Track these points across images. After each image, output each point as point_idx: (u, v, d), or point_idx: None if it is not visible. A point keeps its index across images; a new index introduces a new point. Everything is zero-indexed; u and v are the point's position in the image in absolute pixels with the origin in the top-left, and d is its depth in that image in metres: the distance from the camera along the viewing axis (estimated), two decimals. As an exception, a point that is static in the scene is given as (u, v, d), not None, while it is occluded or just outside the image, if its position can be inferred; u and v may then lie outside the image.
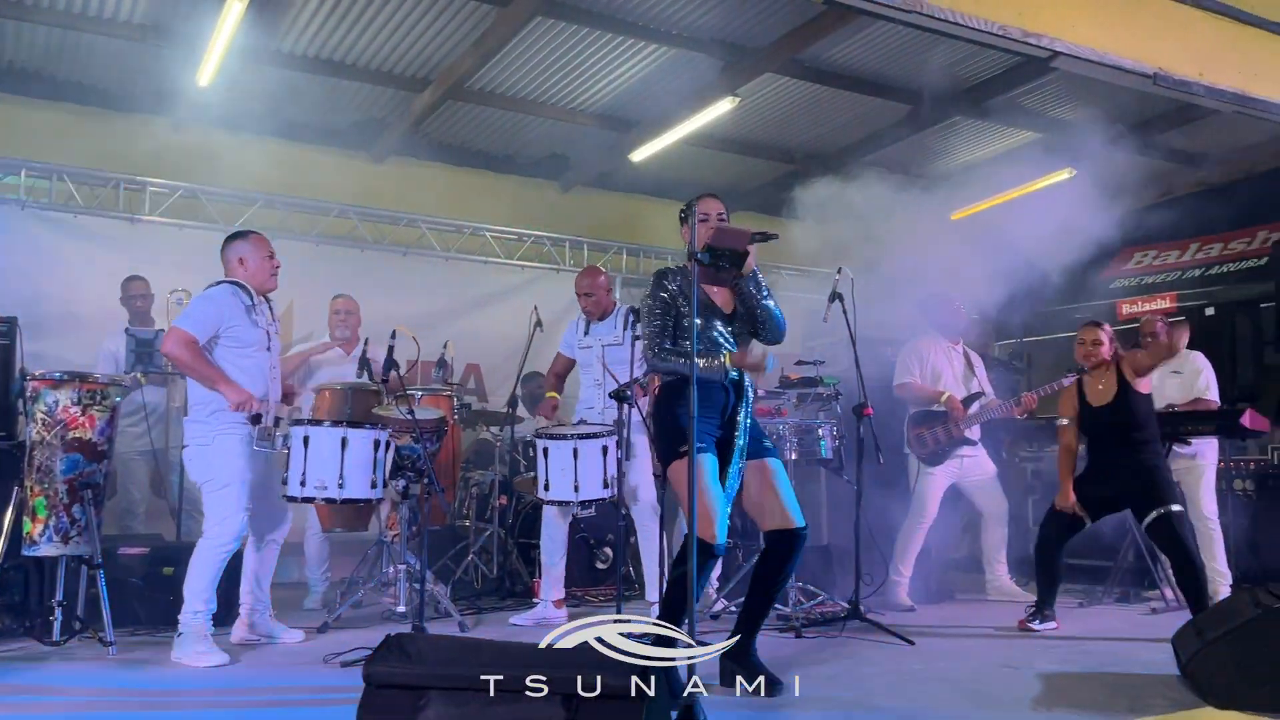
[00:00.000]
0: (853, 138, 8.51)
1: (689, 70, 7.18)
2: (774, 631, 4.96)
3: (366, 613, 5.45)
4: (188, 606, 4.19)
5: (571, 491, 5.02)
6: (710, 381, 3.73)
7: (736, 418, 3.81)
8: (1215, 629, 3.53)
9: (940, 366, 6.18)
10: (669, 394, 3.84)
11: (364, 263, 7.99)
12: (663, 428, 3.84)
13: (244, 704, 3.48)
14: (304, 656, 4.32)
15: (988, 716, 3.27)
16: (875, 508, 5.57)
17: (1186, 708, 3.39)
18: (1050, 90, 7.62)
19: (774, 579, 3.85)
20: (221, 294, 4.40)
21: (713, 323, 3.84)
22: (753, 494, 3.87)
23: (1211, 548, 5.97)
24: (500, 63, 7.07)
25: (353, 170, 8.44)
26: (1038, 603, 5.17)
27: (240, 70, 6.87)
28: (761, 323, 3.88)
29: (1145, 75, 5.78)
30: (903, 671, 4.03)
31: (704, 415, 3.66)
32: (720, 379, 3.78)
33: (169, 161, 7.54)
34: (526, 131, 8.36)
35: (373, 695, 2.43)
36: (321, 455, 4.62)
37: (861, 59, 7.15)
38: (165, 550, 5.16)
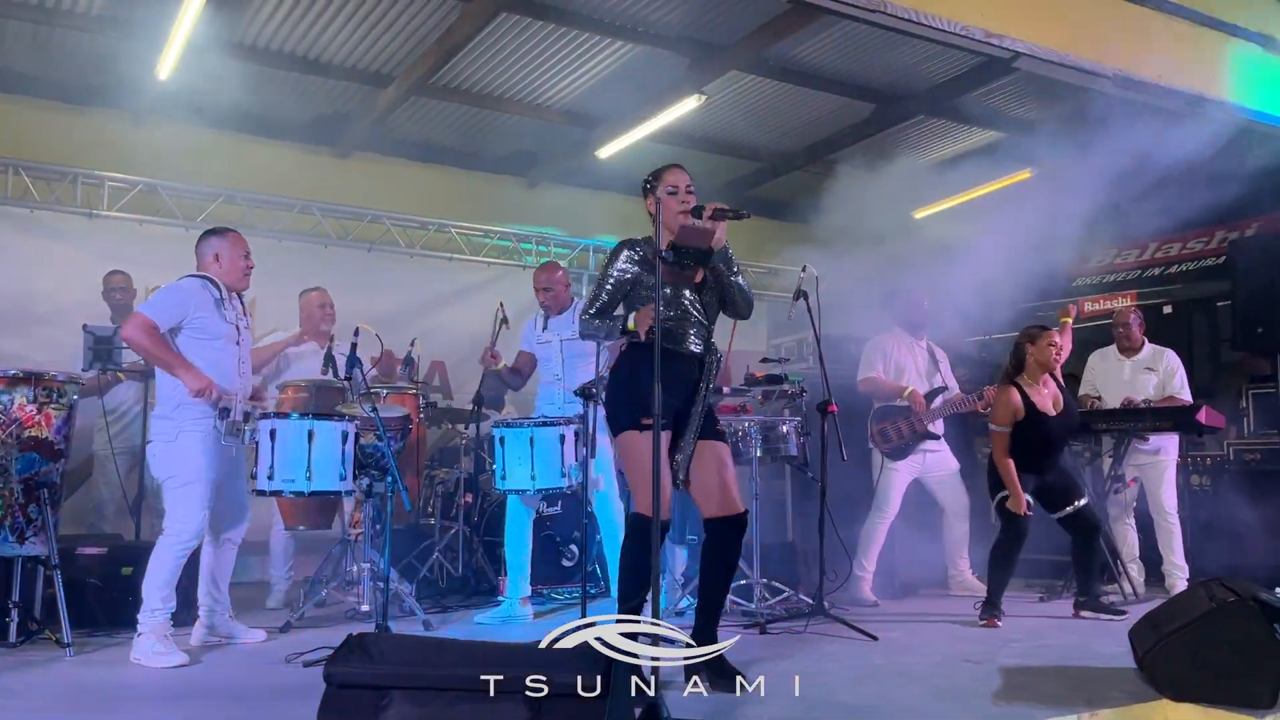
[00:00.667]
0: (818, 136, 8.56)
1: (655, 67, 7.19)
2: (739, 628, 4.98)
3: (330, 612, 5.40)
4: (146, 605, 4.13)
5: (529, 480, 5.01)
6: (675, 353, 3.69)
7: (697, 393, 3.75)
8: (1171, 623, 3.58)
9: (904, 362, 6.23)
10: (630, 359, 3.78)
11: (328, 259, 7.92)
12: (619, 395, 3.79)
13: (204, 705, 3.44)
14: (266, 657, 4.27)
15: (949, 710, 3.30)
16: (840, 504, 5.59)
17: (1143, 700, 3.44)
18: (1013, 90, 7.69)
19: (722, 567, 3.82)
20: (189, 285, 4.37)
21: (682, 290, 3.79)
22: (698, 476, 3.80)
23: (1171, 542, 6.07)
24: (465, 58, 7.04)
25: (317, 166, 8.37)
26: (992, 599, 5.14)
27: (201, 63, 6.78)
28: (730, 300, 3.88)
29: (1105, 76, 5.85)
30: (866, 667, 4.06)
31: (665, 387, 3.59)
32: (685, 351, 3.75)
33: (128, 156, 7.43)
34: (492, 128, 8.33)
35: (334, 695, 2.41)
36: (289, 448, 4.57)
37: (827, 58, 7.19)
38: (124, 550, 5.09)
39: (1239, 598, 3.42)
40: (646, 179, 3.89)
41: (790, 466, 6.12)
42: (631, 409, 3.67)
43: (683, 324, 3.77)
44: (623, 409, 3.75)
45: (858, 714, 3.19)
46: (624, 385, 3.77)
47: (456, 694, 2.32)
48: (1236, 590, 3.49)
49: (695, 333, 3.81)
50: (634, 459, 3.67)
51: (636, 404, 3.63)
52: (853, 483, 6.03)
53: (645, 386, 3.52)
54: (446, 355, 8.19)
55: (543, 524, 5.95)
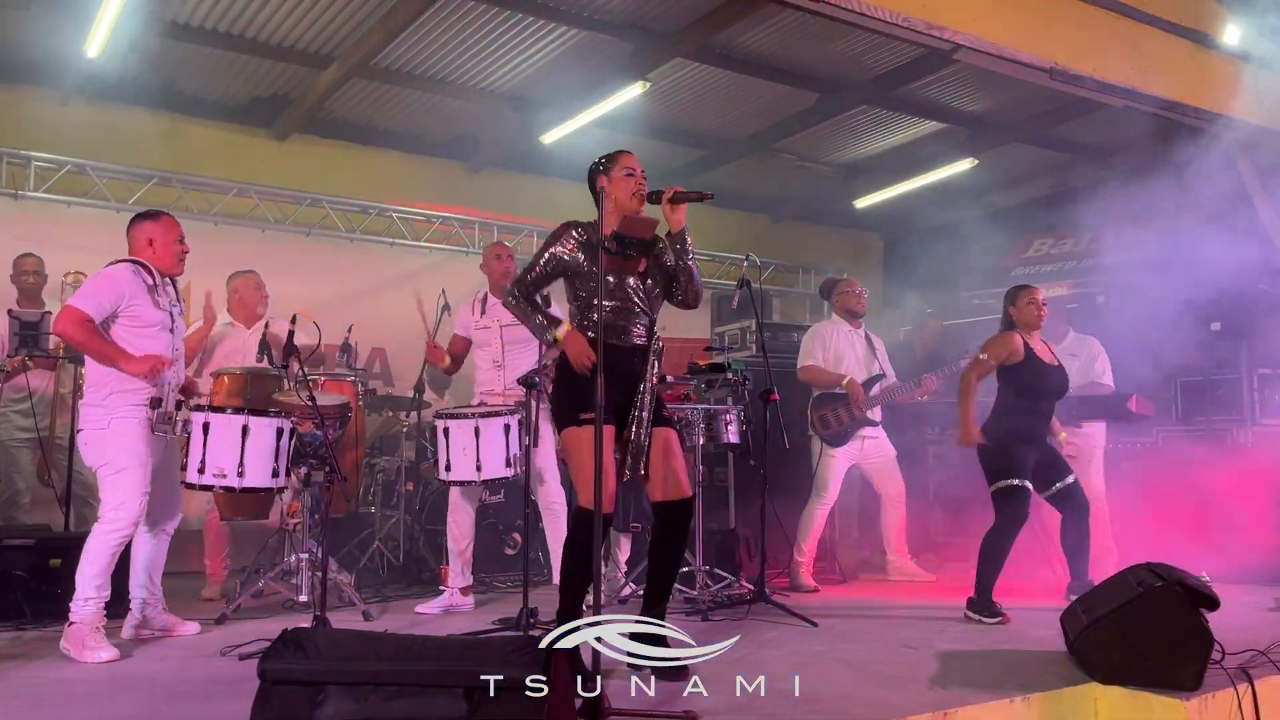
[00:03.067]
0: (762, 124, 8.58)
1: (600, 53, 7.15)
2: (680, 614, 5.00)
3: (268, 603, 5.33)
4: (79, 594, 4.01)
5: (474, 471, 4.98)
6: (618, 346, 3.66)
7: (639, 385, 3.72)
8: (1100, 607, 3.66)
9: (843, 350, 6.29)
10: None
11: (265, 243, 7.79)
12: (560, 390, 3.77)
13: (136, 700, 3.36)
14: (200, 649, 4.19)
15: (887, 696, 3.34)
16: (781, 491, 5.65)
17: (1074, 684, 3.51)
18: (954, 82, 7.78)
19: (671, 550, 3.82)
20: (121, 272, 4.23)
21: (625, 280, 3.75)
22: (649, 461, 3.76)
23: (1100, 526, 6.21)
24: (407, 40, 6.93)
25: (254, 148, 8.20)
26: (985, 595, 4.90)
27: (131, 42, 6.60)
28: (681, 285, 3.85)
29: (1042, 69, 5.94)
30: (806, 653, 4.10)
31: (607, 381, 3.53)
32: (628, 343, 3.72)
33: (55, 135, 7.23)
34: (435, 111, 8.22)
35: (268, 692, 2.37)
36: (222, 442, 4.51)
37: (770, 46, 7.20)
38: (53, 541, 4.96)
39: (1165, 583, 3.51)
40: (599, 161, 3.85)
41: (732, 454, 6.16)
42: (572, 404, 3.66)
43: (625, 315, 3.75)
44: (564, 405, 3.74)
45: (797, 701, 3.22)
46: (565, 381, 3.76)
47: (393, 688, 2.30)
48: (1162, 575, 3.58)
49: (638, 323, 3.78)
50: (576, 454, 3.66)
51: (577, 399, 3.63)
52: (794, 470, 6.09)
53: (585, 381, 3.57)
54: (387, 341, 8.09)
55: (484, 512, 5.91)
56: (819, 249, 10.65)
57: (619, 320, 3.72)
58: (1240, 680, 3.44)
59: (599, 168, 3.84)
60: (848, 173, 9.72)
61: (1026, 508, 4.96)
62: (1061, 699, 3.43)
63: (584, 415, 3.58)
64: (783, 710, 3.10)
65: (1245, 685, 3.42)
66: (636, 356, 3.75)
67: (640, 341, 3.78)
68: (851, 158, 9.44)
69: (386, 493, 6.56)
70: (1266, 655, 3.70)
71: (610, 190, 3.78)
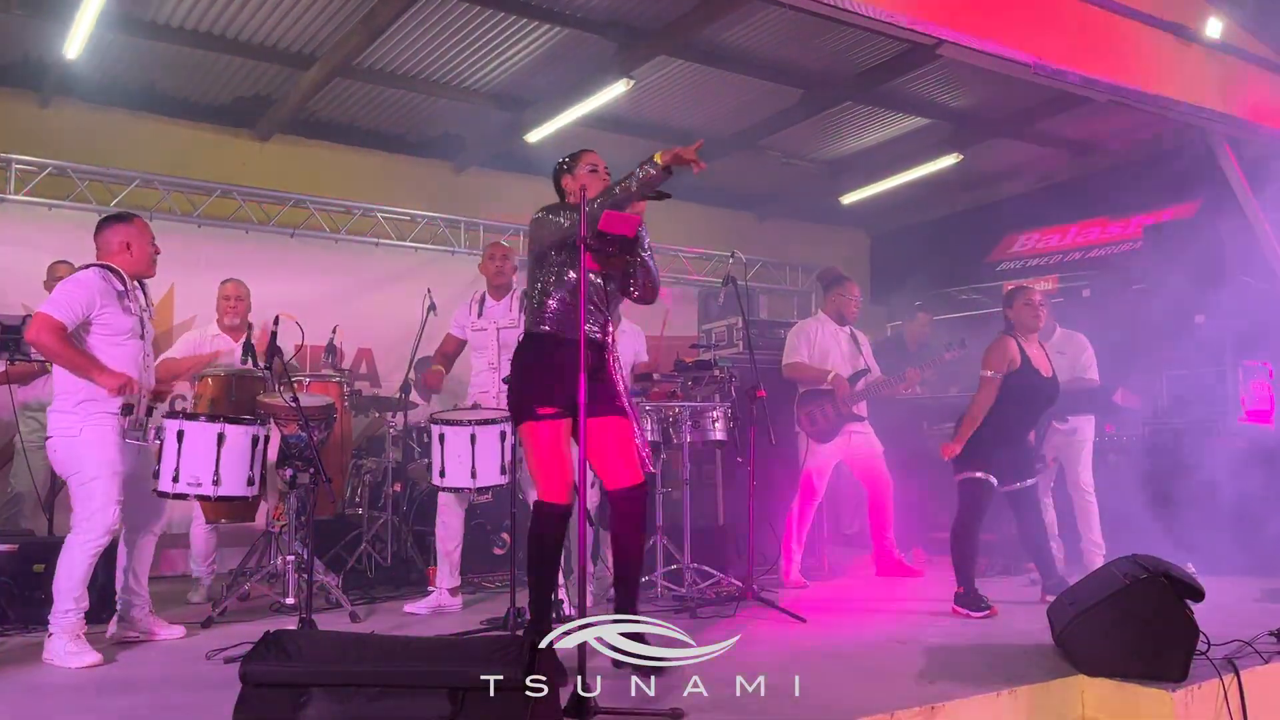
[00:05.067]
0: (747, 122, 8.57)
1: (584, 51, 7.13)
2: (669, 611, 5.00)
3: (254, 605, 5.30)
4: (58, 606, 3.96)
5: (469, 478, 4.95)
6: (573, 340, 3.53)
7: (596, 379, 3.62)
8: (1086, 600, 3.67)
9: (828, 346, 6.28)
10: (526, 350, 3.78)
11: (249, 245, 7.74)
12: (516, 388, 3.77)
13: (120, 704, 3.34)
14: (185, 653, 4.16)
15: (876, 690, 3.34)
16: (769, 488, 5.65)
17: (1061, 676, 3.52)
18: (938, 77, 7.78)
19: (635, 537, 3.80)
20: (90, 278, 4.15)
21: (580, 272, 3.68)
22: (599, 452, 3.74)
23: (1088, 519, 6.23)
24: (390, 40, 6.90)
25: (236, 149, 8.16)
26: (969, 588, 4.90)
27: (111, 42, 6.57)
28: (639, 280, 3.84)
29: (1024, 64, 5.95)
30: (795, 649, 4.10)
31: (564, 375, 3.54)
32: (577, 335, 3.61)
33: (36, 138, 7.18)
34: (419, 111, 8.19)
35: (251, 695, 2.36)
36: (196, 450, 4.40)
37: (755, 42, 7.19)
38: (35, 546, 4.92)
39: (1150, 574, 3.52)
40: (562, 161, 3.93)
41: (720, 451, 6.16)
42: (529, 399, 3.68)
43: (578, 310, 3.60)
44: (521, 399, 3.74)
45: (787, 697, 3.22)
46: (520, 378, 3.78)
47: (377, 689, 2.28)
48: (1148, 567, 3.59)
49: (593, 318, 3.76)
50: (532, 449, 3.69)
51: (532, 395, 3.67)
52: (782, 467, 6.09)
53: (540, 378, 3.62)
54: (374, 342, 8.07)
55: (473, 512, 5.89)
56: (805, 246, 10.65)
57: (572, 315, 3.65)
58: (1226, 671, 3.45)
59: (563, 167, 3.92)
60: (833, 169, 9.72)
61: (986, 502, 4.94)
62: (1049, 691, 3.44)
63: (541, 410, 3.63)
64: (773, 707, 3.10)
65: (1231, 676, 3.44)
66: (592, 350, 3.65)
67: (595, 335, 3.75)
68: (837, 154, 9.44)
69: (374, 494, 6.53)
70: (1252, 646, 3.72)
71: (573, 188, 3.83)
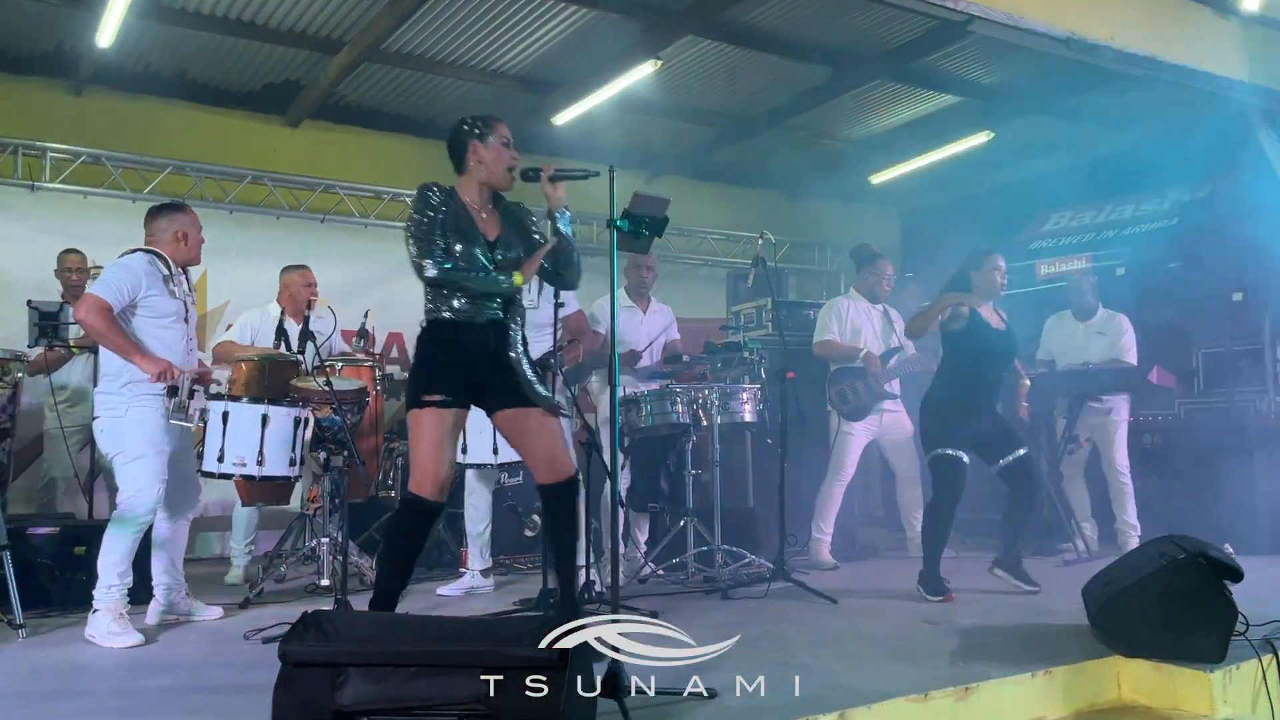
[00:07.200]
0: (775, 101, 8.50)
1: (610, 32, 7.10)
2: (700, 594, 5.01)
3: (290, 587, 5.37)
4: (102, 582, 4.05)
5: (490, 454, 4.98)
6: (470, 323, 3.51)
7: (498, 362, 3.54)
8: (1122, 580, 3.64)
9: (860, 323, 6.25)
10: (425, 339, 3.63)
11: (280, 230, 7.80)
12: (412, 369, 3.63)
13: (161, 683, 3.40)
14: (223, 634, 4.23)
15: (908, 672, 3.33)
16: (799, 468, 5.64)
17: (1096, 657, 3.51)
18: (969, 54, 7.69)
19: (562, 535, 3.68)
20: (137, 261, 4.24)
21: (473, 251, 3.55)
22: (521, 445, 3.66)
23: (1123, 500, 6.19)
24: (418, 23, 6.90)
25: (266, 135, 8.20)
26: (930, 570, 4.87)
27: (143, 31, 6.61)
28: (563, 265, 3.69)
29: (1059, 39, 5.86)
30: (827, 630, 4.10)
31: (457, 360, 3.48)
32: (482, 319, 3.52)
33: (70, 126, 7.27)
34: (446, 94, 8.20)
35: (289, 674, 2.39)
36: (241, 431, 4.56)
37: (783, 21, 7.13)
38: (76, 529, 5.00)
39: (1188, 554, 3.48)
40: (472, 124, 3.66)
41: (749, 433, 6.15)
42: (419, 385, 3.51)
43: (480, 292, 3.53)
44: (412, 386, 3.56)
45: (818, 676, 3.22)
46: (418, 362, 3.63)
47: (413, 669, 2.31)
48: (1186, 547, 3.55)
49: (493, 300, 3.57)
50: (414, 436, 3.50)
51: (423, 381, 3.51)
52: (812, 448, 6.07)
53: (434, 364, 3.50)
54: (404, 326, 8.10)
55: (503, 494, 5.93)
56: (834, 226, 10.57)
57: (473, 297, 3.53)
58: (1265, 651, 3.42)
59: (473, 131, 3.64)
60: (862, 148, 9.63)
61: (961, 479, 4.82)
62: (1084, 672, 3.42)
63: (426, 397, 3.46)
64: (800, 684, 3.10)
65: (1270, 656, 3.40)
66: (493, 333, 3.56)
67: (495, 316, 3.56)
68: (866, 133, 9.35)
69: (406, 476, 6.56)
70: (1291, 626, 3.68)
71: (485, 158, 3.65)
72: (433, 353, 3.57)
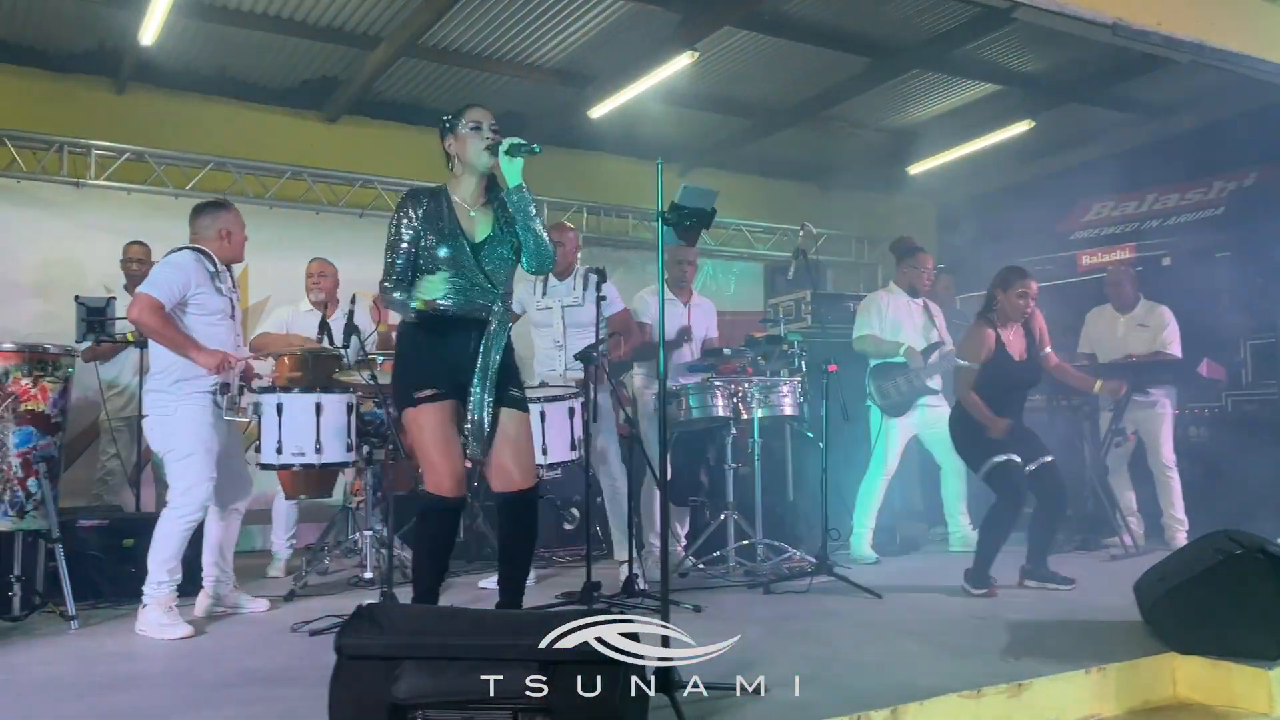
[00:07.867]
0: (812, 91, 8.44)
1: (647, 24, 7.07)
2: (742, 588, 5.00)
3: (333, 579, 5.41)
4: (151, 577, 4.11)
5: (540, 455, 4.98)
6: (457, 320, 3.46)
7: (479, 360, 3.47)
8: (1177, 576, 3.58)
9: (900, 318, 6.17)
10: (407, 336, 3.59)
11: (319, 225, 7.84)
12: (397, 372, 3.59)
13: (211, 675, 3.43)
14: (270, 626, 4.27)
15: (956, 667, 3.30)
16: (840, 462, 5.59)
17: (1150, 654, 3.45)
18: (1009, 41, 7.58)
19: (514, 547, 3.62)
20: (186, 259, 4.28)
21: (461, 248, 3.52)
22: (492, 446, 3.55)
23: (1170, 495, 6.10)
24: (454, 18, 6.90)
25: (305, 130, 8.26)
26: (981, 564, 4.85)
27: (185, 28, 6.67)
28: (530, 248, 3.57)
29: (1104, 25, 5.77)
30: (871, 625, 4.07)
31: (442, 356, 3.45)
32: (470, 316, 3.49)
33: (114, 124, 7.35)
34: (483, 89, 8.19)
35: (345, 667, 2.39)
36: (296, 421, 4.62)
37: (820, 11, 7.07)
38: (125, 522, 5.08)
39: (1245, 550, 3.42)
40: (445, 119, 3.73)
41: (790, 426, 6.12)
42: (409, 383, 3.48)
43: (463, 285, 3.51)
44: (401, 383, 3.54)
45: (863, 672, 3.20)
46: (401, 362, 3.58)
47: (469, 662, 2.31)
48: (1243, 543, 3.49)
49: (484, 294, 3.54)
50: (415, 435, 3.47)
51: (414, 379, 3.46)
52: (853, 441, 6.02)
53: (421, 361, 3.46)
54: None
55: (542, 488, 5.93)
56: (871, 217, 10.49)
57: (455, 293, 3.48)
58: (1325, 648, 3.35)
59: (445, 126, 3.68)
60: (900, 138, 9.54)
61: (1020, 481, 4.79)
62: (1139, 669, 3.37)
63: (419, 394, 3.42)
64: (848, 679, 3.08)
65: (1330, 653, 3.33)
66: (475, 330, 3.51)
67: (480, 314, 3.52)
68: (904, 123, 9.26)
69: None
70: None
71: (456, 149, 3.65)
72: (413, 349, 3.55)
